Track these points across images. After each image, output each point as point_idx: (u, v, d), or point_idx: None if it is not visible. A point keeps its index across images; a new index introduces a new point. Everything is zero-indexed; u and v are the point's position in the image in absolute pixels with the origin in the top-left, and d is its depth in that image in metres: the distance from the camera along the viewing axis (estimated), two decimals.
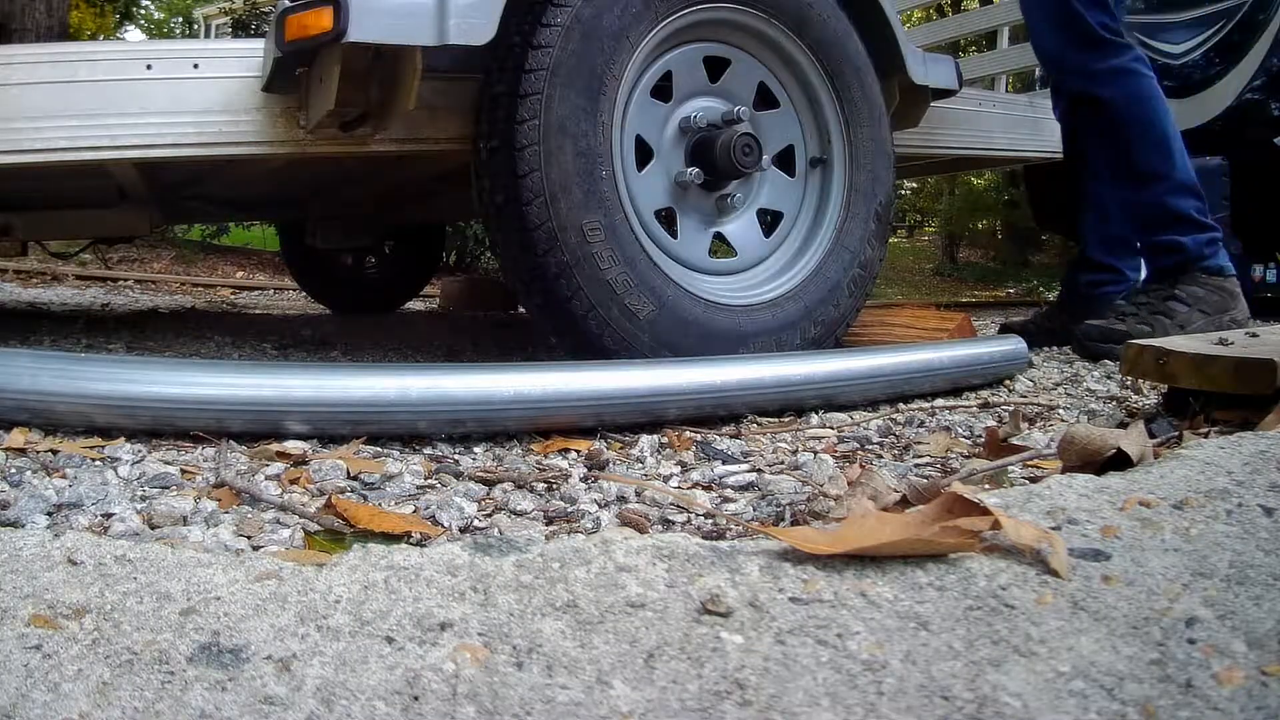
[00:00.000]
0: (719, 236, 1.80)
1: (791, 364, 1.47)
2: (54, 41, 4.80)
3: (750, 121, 1.75)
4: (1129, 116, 2.07)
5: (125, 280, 5.38)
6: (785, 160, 1.86)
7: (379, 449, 1.17)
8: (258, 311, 3.90)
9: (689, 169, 1.70)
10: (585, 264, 1.49)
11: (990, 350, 1.76)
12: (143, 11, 15.56)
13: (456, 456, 1.17)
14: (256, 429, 1.13)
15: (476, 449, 1.20)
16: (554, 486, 1.03)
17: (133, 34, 13.60)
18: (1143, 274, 2.32)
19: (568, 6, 1.50)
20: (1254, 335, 1.35)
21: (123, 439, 1.11)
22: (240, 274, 6.24)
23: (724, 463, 1.15)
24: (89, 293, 4.60)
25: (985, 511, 0.68)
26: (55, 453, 1.04)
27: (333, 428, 1.15)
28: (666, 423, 1.33)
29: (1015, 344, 1.82)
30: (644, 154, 1.68)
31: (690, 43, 1.71)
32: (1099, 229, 2.37)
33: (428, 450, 1.19)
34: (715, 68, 1.75)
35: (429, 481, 1.05)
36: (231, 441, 1.12)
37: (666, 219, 1.74)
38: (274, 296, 4.58)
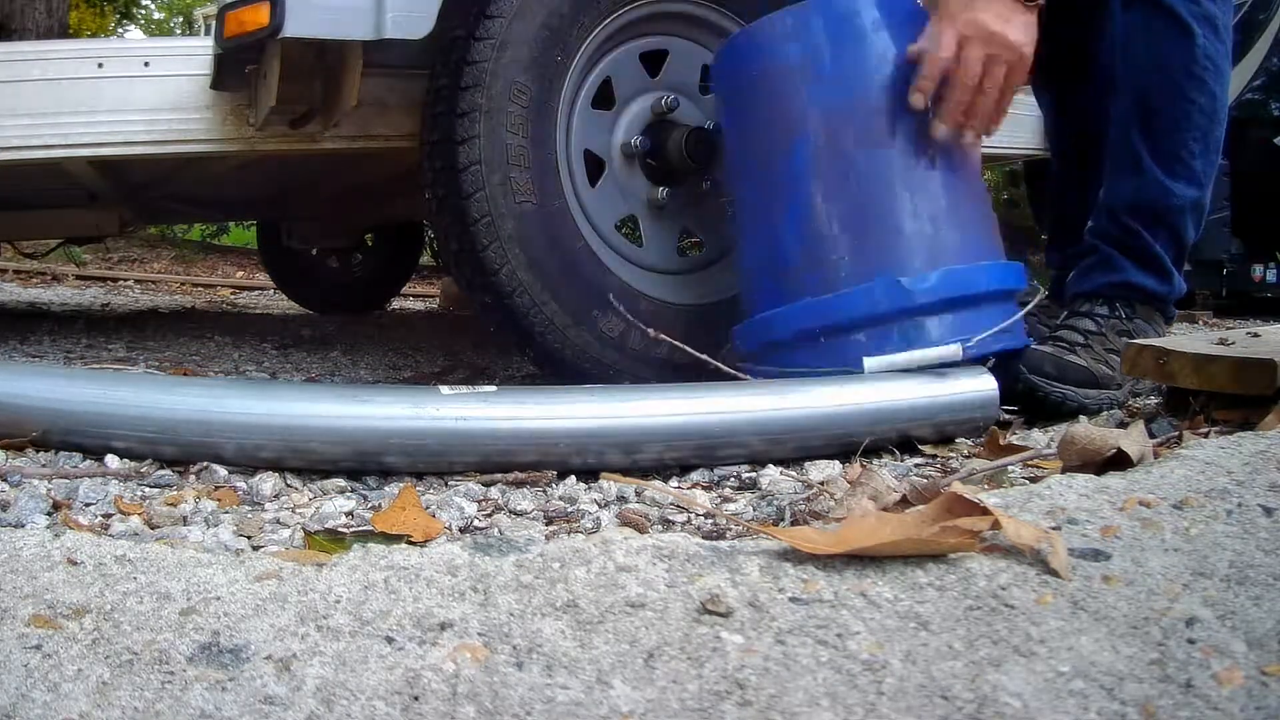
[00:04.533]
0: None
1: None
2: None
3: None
4: (1203, 75, 1.57)
5: (125, 280, 5.38)
6: None
7: None
8: (258, 311, 3.90)
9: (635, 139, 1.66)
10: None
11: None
12: (143, 11, 15.57)
13: None
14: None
15: None
16: (553, 486, 1.03)
17: (133, 33, 13.62)
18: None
19: None
20: (1254, 335, 1.35)
21: None
22: (240, 274, 6.23)
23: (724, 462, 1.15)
24: (89, 293, 4.60)
25: (985, 511, 0.68)
26: (55, 453, 1.04)
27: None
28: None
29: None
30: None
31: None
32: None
33: None
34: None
35: (428, 481, 1.05)
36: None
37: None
38: (274, 296, 4.58)
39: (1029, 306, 1.45)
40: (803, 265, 1.34)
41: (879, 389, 1.20)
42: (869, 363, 1.23)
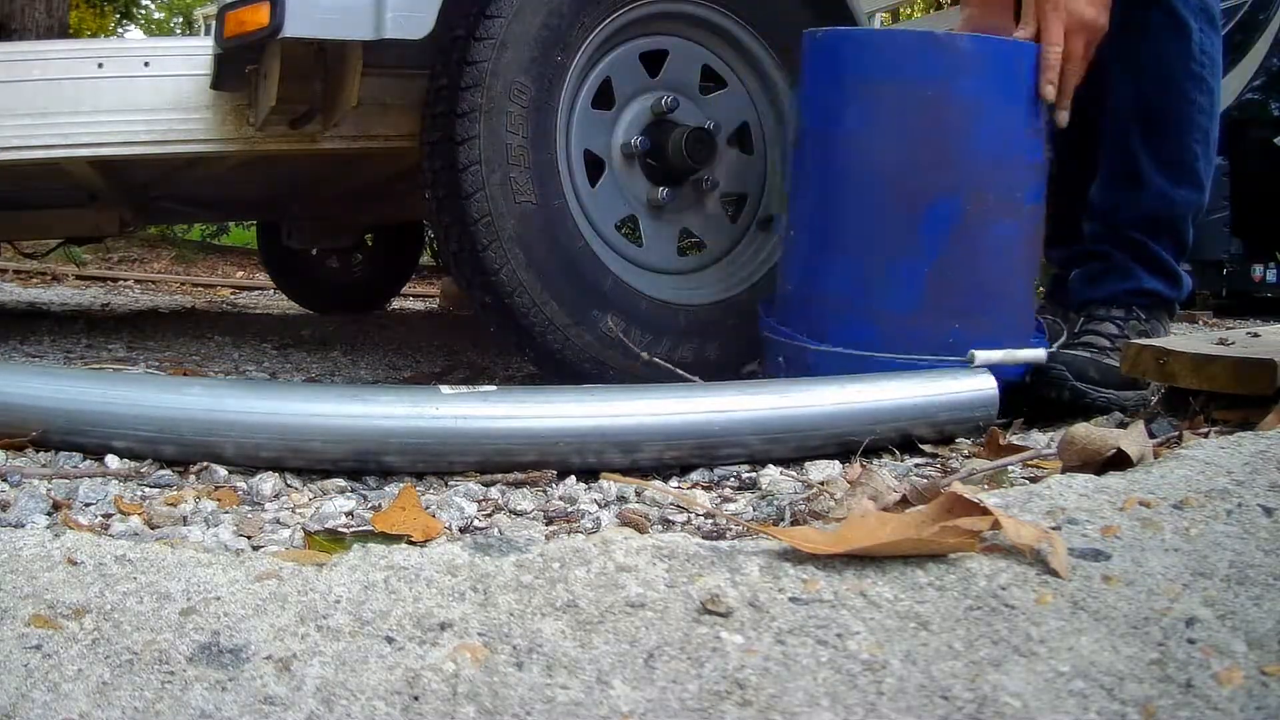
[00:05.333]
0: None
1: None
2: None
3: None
4: (1201, 72, 1.59)
5: (125, 280, 5.37)
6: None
7: None
8: (258, 311, 3.90)
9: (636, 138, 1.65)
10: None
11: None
12: (143, 11, 15.57)
13: None
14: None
15: None
16: (553, 486, 1.03)
17: (133, 33, 13.63)
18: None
19: None
20: (1254, 335, 1.35)
21: None
22: (240, 274, 6.22)
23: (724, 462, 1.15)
24: (89, 293, 4.60)
25: (985, 511, 0.68)
26: (55, 453, 1.04)
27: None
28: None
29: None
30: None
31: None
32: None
33: None
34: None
35: (428, 481, 1.05)
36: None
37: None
38: (274, 296, 4.57)
39: (1057, 344, 1.50)
40: (929, 319, 1.34)
41: (879, 388, 1.20)
42: (979, 356, 1.29)
